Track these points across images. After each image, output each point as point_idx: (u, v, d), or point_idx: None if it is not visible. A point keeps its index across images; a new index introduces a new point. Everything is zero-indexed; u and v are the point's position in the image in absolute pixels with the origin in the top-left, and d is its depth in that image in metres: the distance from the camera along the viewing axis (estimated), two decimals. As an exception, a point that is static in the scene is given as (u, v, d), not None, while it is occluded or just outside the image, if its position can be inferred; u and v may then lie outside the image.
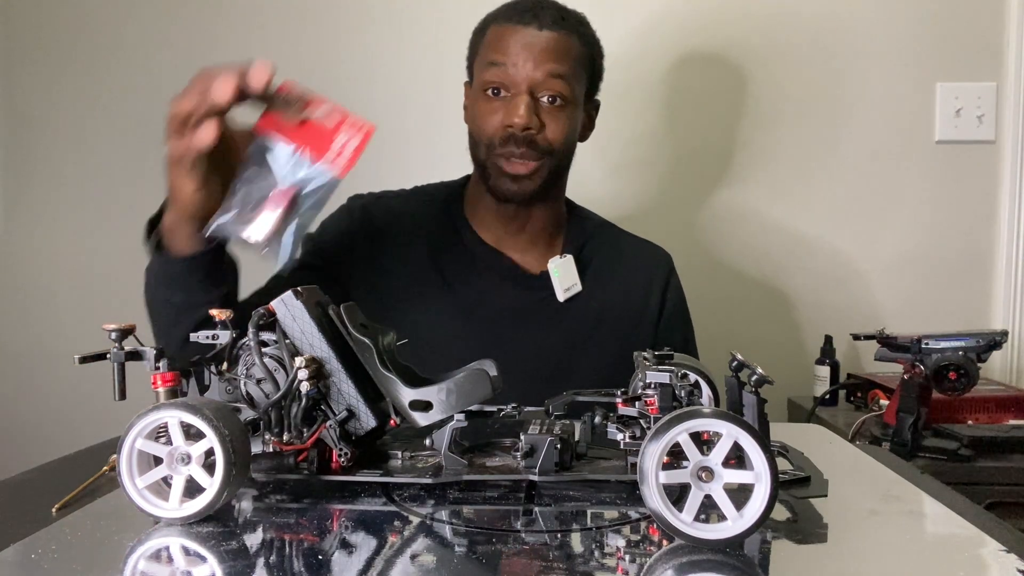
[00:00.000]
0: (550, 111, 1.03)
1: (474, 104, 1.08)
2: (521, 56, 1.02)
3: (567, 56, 1.04)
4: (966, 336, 1.06)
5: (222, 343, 0.59)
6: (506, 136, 1.03)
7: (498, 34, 1.05)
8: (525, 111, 1.01)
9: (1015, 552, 0.48)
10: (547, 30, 1.02)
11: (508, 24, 1.04)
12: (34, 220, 1.60)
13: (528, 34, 1.02)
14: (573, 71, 1.05)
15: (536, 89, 1.02)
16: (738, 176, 1.59)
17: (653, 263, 1.18)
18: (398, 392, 0.58)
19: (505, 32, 1.04)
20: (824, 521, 0.53)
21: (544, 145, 1.04)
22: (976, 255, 1.59)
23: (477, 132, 1.07)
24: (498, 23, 1.06)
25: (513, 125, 1.01)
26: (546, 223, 1.13)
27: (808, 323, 1.58)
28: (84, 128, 1.59)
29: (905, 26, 1.56)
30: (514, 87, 1.02)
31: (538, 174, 1.05)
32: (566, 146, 1.07)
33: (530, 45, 1.02)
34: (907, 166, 1.58)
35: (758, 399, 0.53)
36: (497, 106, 1.04)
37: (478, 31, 1.11)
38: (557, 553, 0.47)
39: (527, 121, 1.01)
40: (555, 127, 1.04)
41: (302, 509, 0.55)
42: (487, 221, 1.12)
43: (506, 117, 1.02)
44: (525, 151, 1.03)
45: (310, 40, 1.56)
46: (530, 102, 1.02)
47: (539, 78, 1.02)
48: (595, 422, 0.61)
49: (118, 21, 1.57)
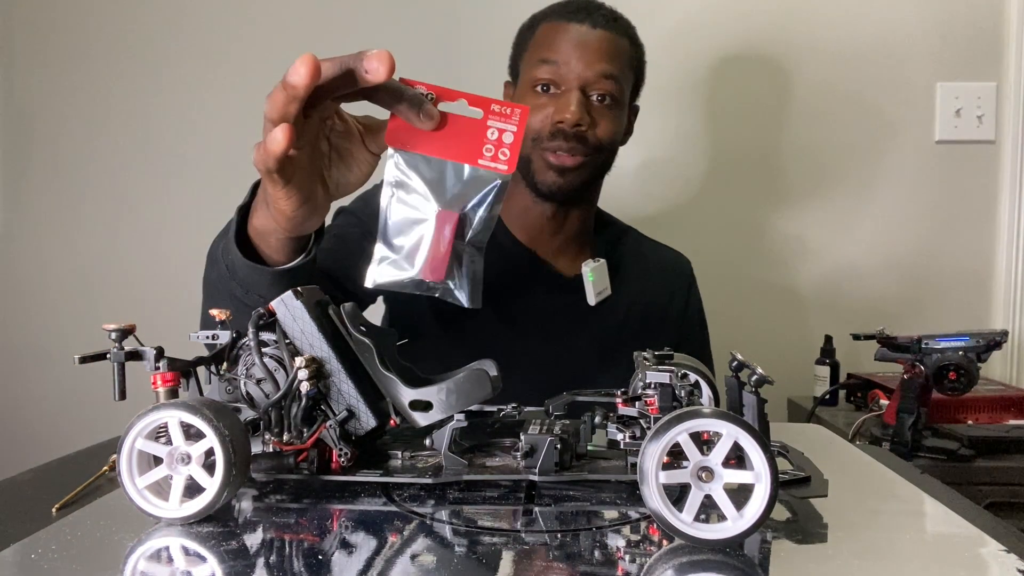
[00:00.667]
0: (600, 109, 1.03)
1: (520, 100, 1.06)
2: (574, 54, 1.01)
3: (618, 56, 1.03)
4: (966, 336, 1.06)
5: (222, 343, 0.59)
6: (555, 131, 1.02)
7: (549, 31, 1.04)
8: (577, 107, 1.00)
9: (1015, 552, 0.48)
10: (600, 29, 1.02)
11: (560, 21, 1.04)
12: (34, 220, 1.60)
13: (581, 32, 1.02)
14: (623, 72, 1.04)
15: (587, 87, 1.01)
16: (737, 177, 1.59)
17: (675, 269, 1.20)
18: (398, 392, 0.58)
19: (557, 29, 1.03)
20: (824, 521, 0.53)
21: (594, 141, 1.03)
22: (976, 255, 1.59)
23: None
24: (549, 20, 1.05)
25: (564, 121, 1.00)
26: (581, 226, 1.13)
27: (808, 323, 1.58)
28: (84, 128, 1.59)
29: (905, 26, 1.56)
30: (565, 84, 1.02)
31: (584, 169, 1.04)
32: (613, 145, 1.07)
33: (583, 43, 1.01)
34: (907, 166, 1.58)
35: (758, 399, 0.53)
36: (546, 101, 1.02)
37: (526, 29, 1.10)
38: (557, 553, 0.47)
39: (579, 117, 1.00)
40: (605, 124, 1.03)
41: (302, 509, 0.55)
42: (523, 221, 1.11)
43: (557, 113, 1.01)
44: (575, 146, 1.02)
45: (312, 40, 1.56)
46: (581, 99, 1.01)
47: (591, 76, 1.01)
48: (595, 422, 0.61)
49: (118, 21, 1.57)
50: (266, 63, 1.56)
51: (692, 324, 1.18)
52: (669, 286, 1.17)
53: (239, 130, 1.58)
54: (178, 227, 1.59)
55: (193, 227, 1.60)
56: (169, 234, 1.59)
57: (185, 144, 1.58)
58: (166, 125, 1.58)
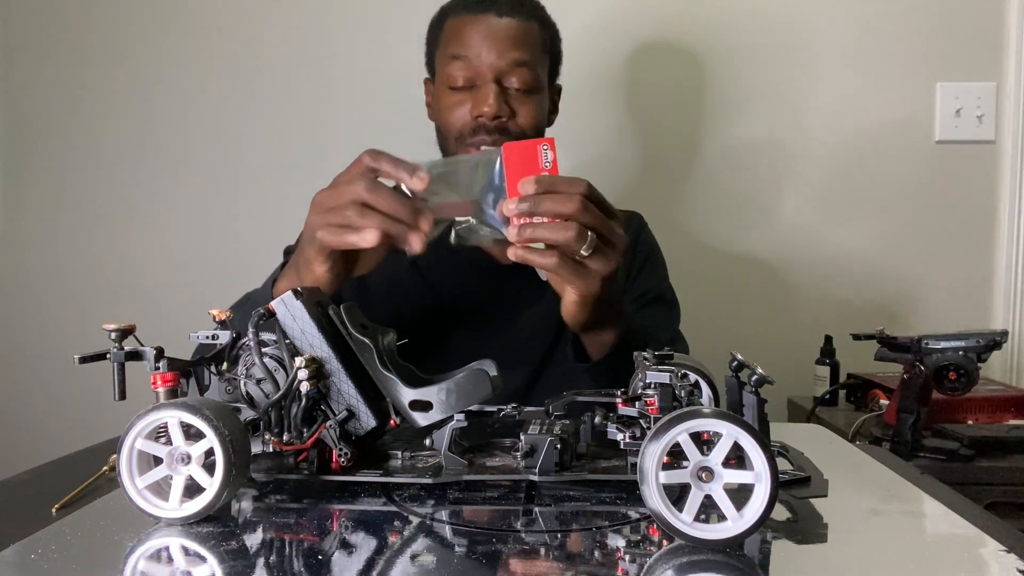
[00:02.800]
0: (518, 97, 1.02)
1: (438, 99, 1.05)
2: (484, 46, 1.00)
3: (529, 42, 1.02)
4: (966, 336, 1.06)
5: (222, 343, 0.59)
6: (476, 126, 1.01)
7: (457, 26, 1.03)
8: (494, 100, 0.99)
9: (1015, 552, 0.48)
10: (506, 17, 1.01)
11: (466, 14, 1.02)
12: (34, 220, 1.60)
13: (487, 22, 1.01)
14: (537, 57, 1.03)
15: (502, 77, 1.01)
16: (737, 176, 1.59)
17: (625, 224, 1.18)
18: (398, 392, 0.58)
19: (464, 23, 1.02)
20: (824, 521, 0.53)
21: (516, 132, 1.02)
22: (976, 255, 1.59)
23: (445, 126, 1.04)
24: (456, 14, 1.04)
25: (483, 115, 0.99)
26: None
27: (808, 323, 1.58)
28: (84, 128, 1.59)
29: (905, 26, 1.56)
30: (479, 77, 1.01)
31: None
32: (537, 132, 1.05)
33: (491, 34, 1.00)
34: (907, 166, 1.58)
35: (758, 399, 0.53)
36: (463, 98, 1.02)
37: (435, 24, 1.09)
38: (557, 553, 0.47)
39: (497, 110, 0.99)
40: (525, 113, 1.02)
41: (302, 509, 0.55)
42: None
43: (475, 107, 1.00)
44: (497, 138, 1.00)
45: (311, 39, 1.56)
46: (498, 90, 1.00)
47: (504, 66, 1.00)
48: (595, 422, 0.61)
49: (118, 21, 1.57)
50: (266, 64, 1.57)
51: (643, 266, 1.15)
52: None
53: (239, 130, 1.58)
54: (178, 227, 1.59)
55: (193, 227, 1.60)
56: (169, 234, 1.59)
57: (185, 144, 1.58)
58: (166, 125, 1.58)
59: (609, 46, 1.56)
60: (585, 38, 1.54)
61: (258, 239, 1.56)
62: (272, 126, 1.57)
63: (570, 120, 1.48)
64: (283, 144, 1.58)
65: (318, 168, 1.57)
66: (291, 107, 1.56)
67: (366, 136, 1.56)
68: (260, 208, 1.57)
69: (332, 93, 1.56)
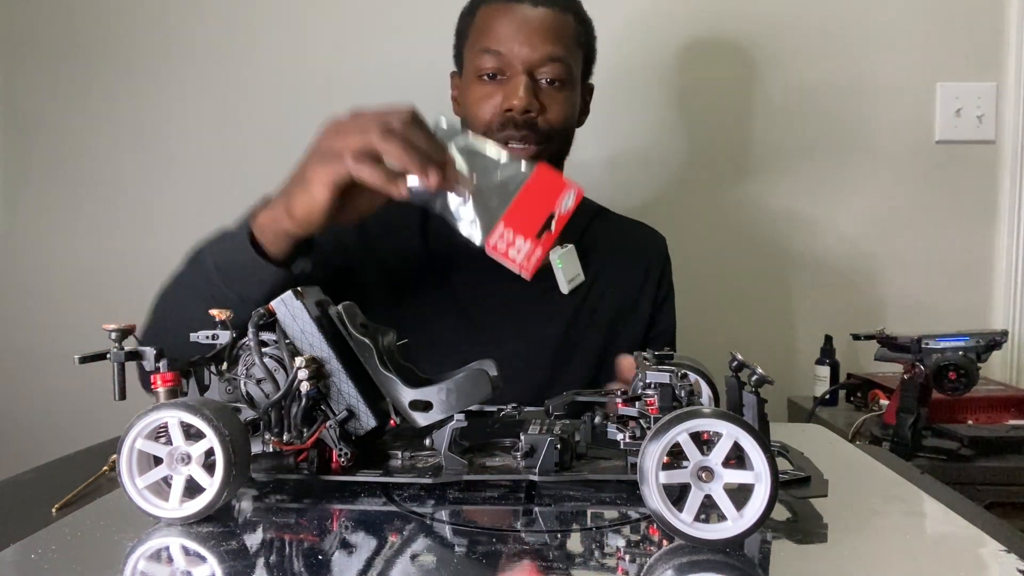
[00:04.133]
0: (549, 92, 0.99)
1: (466, 91, 1.02)
2: (517, 38, 0.97)
3: (564, 34, 0.99)
4: (966, 336, 1.06)
5: (222, 343, 0.59)
6: (505, 120, 0.98)
7: (489, 16, 1.00)
8: (525, 92, 0.96)
9: (1015, 552, 0.48)
10: (542, 7, 0.98)
11: (499, 3, 0.99)
12: (34, 220, 1.60)
13: (521, 12, 0.97)
14: (570, 50, 1.01)
15: (534, 70, 0.98)
16: (737, 175, 1.59)
17: (650, 247, 1.17)
18: (398, 392, 0.58)
19: (497, 12, 0.99)
20: (824, 521, 0.53)
21: (545, 127, 0.99)
22: (976, 255, 1.59)
23: (472, 118, 1.01)
24: (488, 3, 1.01)
25: (512, 108, 0.97)
26: None
27: (808, 323, 1.58)
28: (84, 128, 1.59)
29: (905, 26, 1.56)
30: (510, 69, 0.98)
31: (539, 158, 1.01)
32: (566, 129, 1.03)
33: (525, 24, 0.97)
34: (907, 166, 1.58)
35: (758, 399, 0.53)
36: (492, 89, 0.99)
37: (465, 15, 1.06)
38: (557, 553, 0.47)
39: (527, 103, 0.96)
40: (556, 109, 0.99)
41: (302, 509, 0.55)
42: None
43: (505, 100, 0.98)
44: (526, 134, 0.98)
45: (311, 39, 1.56)
46: (529, 83, 0.97)
47: (536, 59, 0.97)
48: (595, 422, 0.61)
49: (118, 21, 1.57)
50: (267, 64, 1.57)
51: (665, 304, 1.15)
52: (644, 264, 1.14)
53: (240, 130, 1.58)
54: (178, 227, 1.59)
55: (193, 227, 1.60)
56: (169, 234, 1.59)
57: (185, 144, 1.58)
58: (166, 125, 1.58)
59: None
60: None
61: (258, 239, 1.56)
62: (273, 126, 1.56)
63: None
64: (283, 144, 1.57)
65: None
66: (291, 107, 1.56)
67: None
68: (260, 208, 1.57)
69: (333, 93, 1.56)
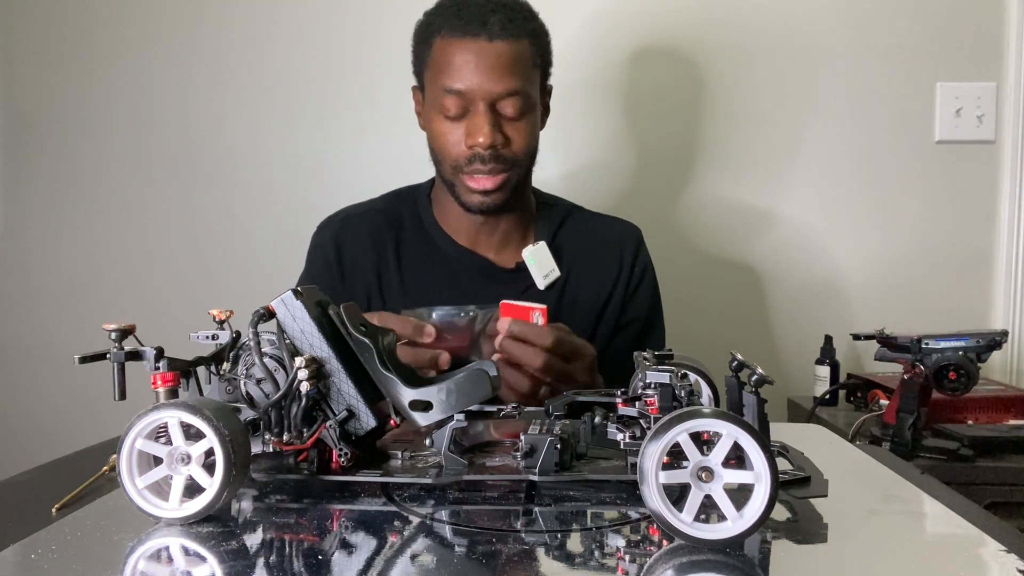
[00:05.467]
0: (512, 124, 1.02)
1: (430, 123, 1.06)
2: (476, 75, 0.98)
3: (521, 65, 1.01)
4: (966, 336, 1.06)
5: (222, 343, 0.59)
6: (471, 156, 1.01)
7: (447, 50, 1.00)
8: (489, 129, 0.99)
9: (1015, 552, 0.48)
10: (498, 40, 0.98)
11: (454, 37, 0.99)
12: (34, 220, 1.60)
13: (478, 48, 0.98)
14: (529, 78, 1.03)
15: (495, 103, 1.00)
16: (737, 176, 1.59)
17: (623, 239, 1.18)
18: (398, 392, 0.58)
19: (453, 48, 0.99)
20: (824, 521, 0.53)
21: (510, 157, 1.03)
22: (976, 255, 1.59)
23: (440, 153, 1.05)
24: (444, 35, 1.01)
25: (478, 145, 1.00)
26: (516, 217, 1.13)
27: (808, 323, 1.58)
28: (84, 128, 1.59)
29: (905, 26, 1.55)
30: (472, 105, 1.00)
31: (506, 185, 1.04)
32: (531, 152, 1.07)
33: (482, 61, 0.98)
34: (907, 166, 1.58)
35: (758, 399, 0.53)
36: (456, 127, 1.02)
37: (421, 34, 1.06)
38: (557, 553, 0.47)
39: (491, 140, 0.99)
40: (519, 138, 1.03)
41: (302, 509, 0.55)
42: (459, 224, 1.12)
43: (469, 137, 1.00)
44: (493, 166, 1.02)
45: (311, 40, 1.56)
46: (492, 118, 1.00)
47: (497, 92, 0.99)
48: (595, 422, 0.61)
49: (118, 21, 1.57)
50: (268, 64, 1.57)
51: (640, 291, 1.17)
52: (617, 257, 1.16)
53: (240, 130, 1.58)
54: (178, 227, 1.59)
55: (193, 227, 1.60)
56: (169, 234, 1.59)
57: (185, 145, 1.58)
58: (166, 125, 1.58)
59: (605, 48, 1.56)
60: (580, 40, 1.54)
61: (258, 239, 1.56)
62: (273, 126, 1.56)
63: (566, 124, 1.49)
64: (284, 144, 1.58)
65: (318, 169, 1.58)
66: (292, 107, 1.56)
67: (366, 136, 1.56)
68: (260, 208, 1.57)
69: (332, 93, 1.56)
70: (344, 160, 1.57)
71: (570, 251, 1.14)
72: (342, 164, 1.57)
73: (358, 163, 1.56)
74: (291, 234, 1.19)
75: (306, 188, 1.57)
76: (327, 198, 1.23)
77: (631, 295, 1.16)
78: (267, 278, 1.48)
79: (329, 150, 1.57)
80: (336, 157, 1.57)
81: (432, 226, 1.13)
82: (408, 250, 1.12)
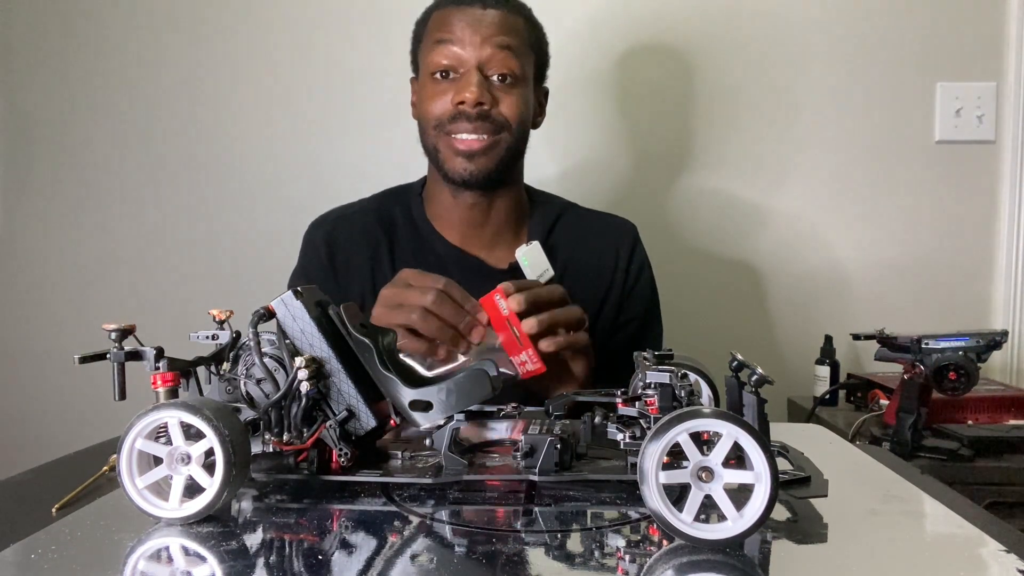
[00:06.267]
0: (502, 88, 1.02)
1: (422, 91, 1.06)
2: (468, 33, 1.00)
3: (514, 32, 1.03)
4: (966, 336, 1.06)
5: (222, 343, 0.59)
6: (456, 113, 1.00)
7: (442, 17, 1.04)
8: (477, 86, 0.99)
9: (1015, 552, 0.48)
10: (491, 8, 1.02)
11: (451, 6, 1.03)
12: (34, 220, 1.60)
13: (473, 13, 1.02)
14: (520, 48, 1.04)
15: (486, 66, 1.00)
16: (737, 175, 1.59)
17: (619, 236, 1.17)
18: (398, 392, 0.58)
19: (449, 14, 1.03)
20: (824, 521, 0.53)
21: (499, 119, 1.01)
22: (976, 255, 1.59)
23: (425, 116, 1.04)
24: (441, 8, 1.05)
25: (465, 101, 0.99)
26: (508, 214, 1.12)
27: (808, 323, 1.58)
28: (84, 128, 1.59)
29: (905, 26, 1.55)
30: (463, 65, 1.01)
31: (494, 151, 1.02)
32: (521, 123, 1.05)
33: (476, 22, 1.01)
34: (907, 166, 1.58)
35: (758, 399, 0.53)
36: (446, 87, 1.02)
37: (420, 21, 1.10)
38: (557, 553, 0.47)
39: (479, 96, 0.99)
40: (509, 102, 1.02)
41: (302, 509, 0.55)
42: (449, 219, 1.11)
43: (456, 94, 1.00)
44: (478, 124, 1.00)
45: (309, 39, 1.56)
46: (481, 79, 1.00)
47: (488, 54, 1.00)
48: (595, 422, 0.61)
49: (118, 21, 1.57)
50: (266, 64, 1.57)
51: (636, 290, 1.16)
52: (614, 251, 1.15)
53: (240, 130, 1.58)
54: (178, 227, 1.59)
55: (194, 227, 1.60)
56: (169, 234, 1.59)
57: (186, 144, 1.58)
58: (166, 125, 1.58)
59: (600, 46, 1.56)
60: (575, 38, 1.54)
61: (258, 239, 1.56)
62: (272, 126, 1.56)
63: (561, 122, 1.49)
64: (283, 144, 1.58)
65: (316, 168, 1.58)
66: (290, 107, 1.56)
67: (363, 136, 1.56)
68: (260, 208, 1.57)
69: (330, 93, 1.56)
70: (344, 160, 1.57)
71: (565, 250, 1.13)
72: (342, 163, 1.57)
73: (358, 163, 1.56)
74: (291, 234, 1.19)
75: (306, 188, 1.57)
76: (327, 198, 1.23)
77: (628, 293, 1.15)
78: (267, 278, 1.48)
79: (328, 149, 1.56)
80: (335, 156, 1.57)
81: (424, 225, 1.13)
82: (401, 250, 1.11)
